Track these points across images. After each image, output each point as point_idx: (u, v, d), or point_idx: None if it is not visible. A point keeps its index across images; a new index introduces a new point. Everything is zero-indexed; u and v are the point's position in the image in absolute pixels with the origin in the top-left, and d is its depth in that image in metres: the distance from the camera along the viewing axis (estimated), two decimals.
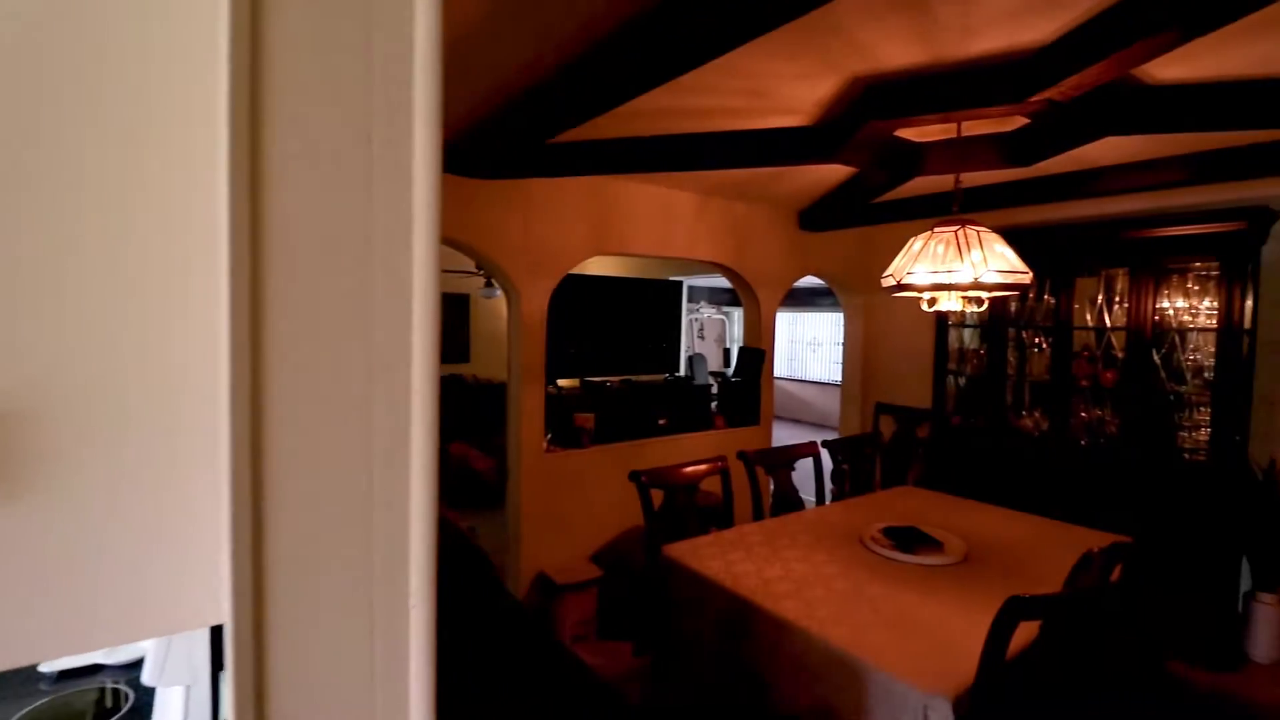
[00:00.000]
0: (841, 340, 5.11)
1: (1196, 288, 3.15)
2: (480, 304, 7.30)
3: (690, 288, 8.89)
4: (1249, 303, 2.98)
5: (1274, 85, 1.90)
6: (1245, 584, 3.15)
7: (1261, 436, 3.15)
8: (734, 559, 2.21)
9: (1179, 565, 2.97)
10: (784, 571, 2.10)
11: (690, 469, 2.52)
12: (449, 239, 2.90)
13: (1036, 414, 3.70)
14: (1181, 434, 3.20)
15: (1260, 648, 3.04)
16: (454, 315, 7.08)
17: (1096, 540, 2.43)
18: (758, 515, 2.77)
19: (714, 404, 4.31)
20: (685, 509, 2.51)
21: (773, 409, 4.25)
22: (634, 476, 2.41)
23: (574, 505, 3.34)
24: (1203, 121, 2.02)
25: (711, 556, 2.23)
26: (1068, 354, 3.45)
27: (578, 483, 3.35)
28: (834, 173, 3.28)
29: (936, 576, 2.10)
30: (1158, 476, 3.08)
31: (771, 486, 2.89)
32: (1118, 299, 3.36)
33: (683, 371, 8.74)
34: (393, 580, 0.55)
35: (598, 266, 6.51)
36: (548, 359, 3.81)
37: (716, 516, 2.82)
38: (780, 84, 2.05)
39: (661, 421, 3.85)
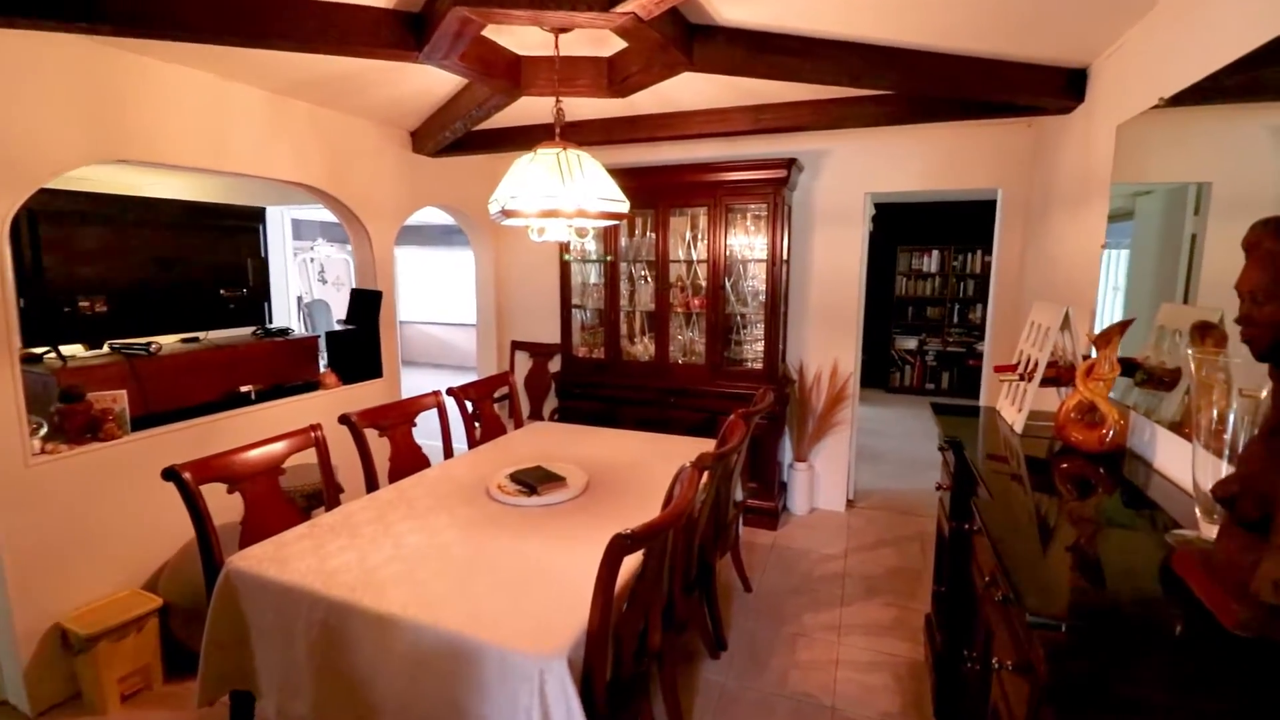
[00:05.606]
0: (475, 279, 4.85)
1: (753, 226, 3.78)
2: None
3: (297, 221, 7.45)
4: (786, 240, 3.72)
5: (800, 41, 2.21)
6: (787, 457, 4.09)
7: (794, 345, 4.05)
8: (333, 550, 1.78)
9: (748, 451, 3.65)
10: (394, 551, 1.77)
11: (261, 451, 1.94)
12: None
13: (646, 340, 4.08)
14: (745, 347, 3.91)
15: (797, 503, 4.00)
16: None
17: (693, 449, 2.75)
18: (373, 486, 2.35)
19: (325, 359, 3.61)
20: (266, 500, 1.95)
21: (397, 358, 3.77)
22: (170, 474, 1.73)
23: (103, 521, 2.37)
24: (751, 65, 2.25)
25: (301, 554, 1.75)
26: (666, 285, 3.84)
27: (106, 489, 2.38)
28: (439, 84, 2.87)
29: (562, 514, 2.05)
30: (729, 382, 3.69)
31: (389, 450, 2.49)
32: (701, 235, 3.84)
33: (297, 322, 7.39)
34: None
35: (140, 183, 4.79)
36: (41, 316, 2.59)
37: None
38: None
39: (247, 389, 3.02)
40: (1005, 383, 2.12)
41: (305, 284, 8.07)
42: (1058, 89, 2.44)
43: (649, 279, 4.00)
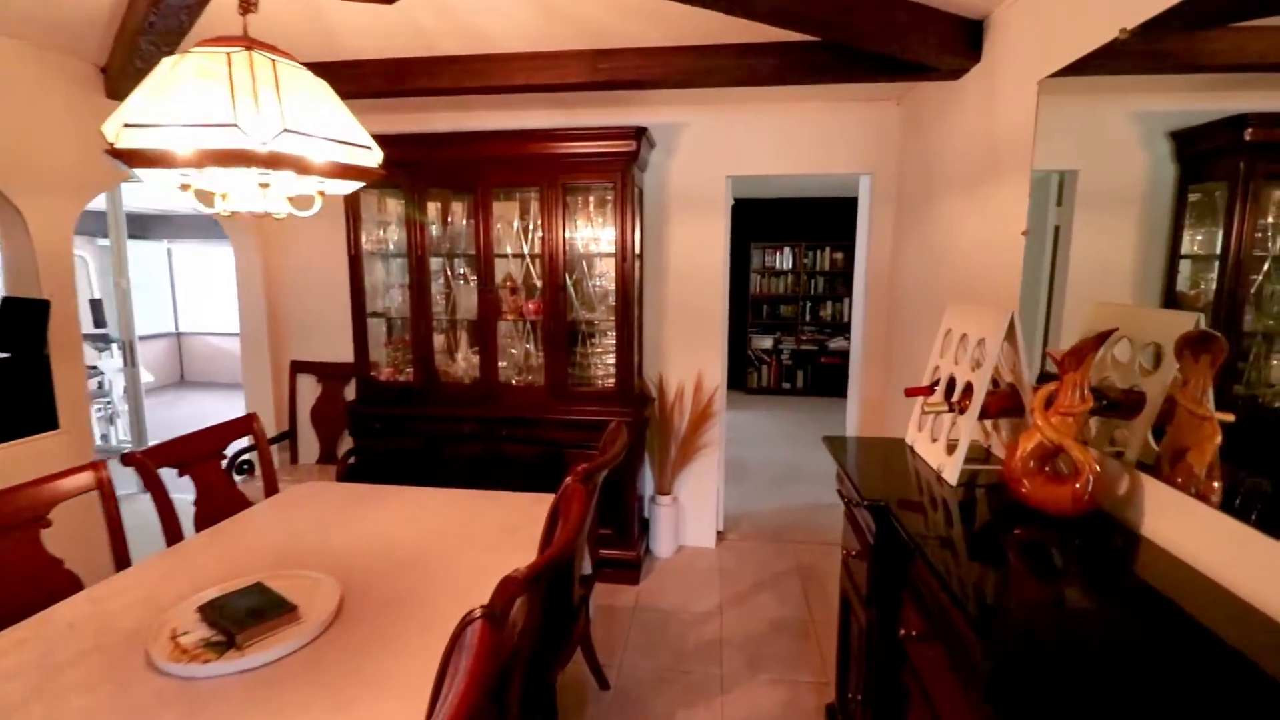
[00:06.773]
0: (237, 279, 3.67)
1: (600, 216, 3.08)
2: None
3: None
4: (638, 229, 3.06)
5: None
6: (648, 489, 3.46)
7: (652, 355, 3.42)
8: None
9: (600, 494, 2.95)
10: None
11: None
12: None
13: (470, 357, 3.23)
14: (593, 361, 3.20)
15: (661, 544, 3.37)
16: None
17: (522, 517, 1.97)
18: None
19: None
20: None
21: (86, 398, 2.58)
22: None
23: None
24: None
25: None
26: (492, 286, 3.02)
27: None
28: None
29: (277, 686, 1.18)
30: (575, 406, 2.97)
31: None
32: (535, 224, 3.08)
33: None
34: None
35: None
36: None
37: None
38: None
39: None
40: (930, 413, 1.60)
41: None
42: (950, 41, 2.00)
43: (470, 279, 3.16)
